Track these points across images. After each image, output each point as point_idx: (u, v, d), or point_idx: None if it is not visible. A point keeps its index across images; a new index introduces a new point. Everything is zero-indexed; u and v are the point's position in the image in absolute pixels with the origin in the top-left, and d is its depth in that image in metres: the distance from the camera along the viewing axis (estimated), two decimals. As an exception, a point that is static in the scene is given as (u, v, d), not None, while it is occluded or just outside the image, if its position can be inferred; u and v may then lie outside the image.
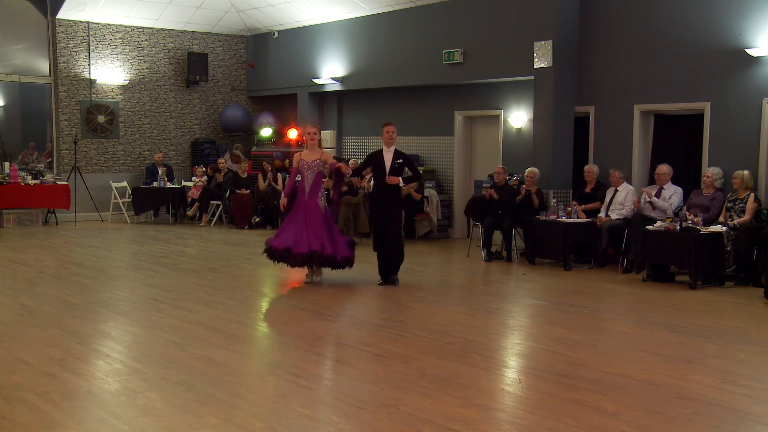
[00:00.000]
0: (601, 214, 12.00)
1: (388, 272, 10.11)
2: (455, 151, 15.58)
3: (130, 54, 18.39)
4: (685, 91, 11.80)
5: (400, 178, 10.03)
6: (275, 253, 9.92)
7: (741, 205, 10.65)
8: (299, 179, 10.19)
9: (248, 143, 19.21)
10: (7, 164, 16.94)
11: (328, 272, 10.44)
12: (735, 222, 10.50)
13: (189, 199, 17.63)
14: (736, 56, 11.17)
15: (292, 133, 18.39)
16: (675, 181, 11.52)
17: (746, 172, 10.75)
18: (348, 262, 9.97)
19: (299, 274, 10.63)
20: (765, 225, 10.23)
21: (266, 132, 18.92)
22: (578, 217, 11.86)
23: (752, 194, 10.64)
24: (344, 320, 8.34)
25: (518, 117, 14.34)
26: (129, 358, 6.77)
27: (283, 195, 10.34)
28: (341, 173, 10.18)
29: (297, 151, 11.20)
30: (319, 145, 10.29)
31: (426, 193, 15.05)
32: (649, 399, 5.73)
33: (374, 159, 10.11)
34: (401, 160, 10.04)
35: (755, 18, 10.96)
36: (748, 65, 11.09)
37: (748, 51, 10.98)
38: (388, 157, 9.98)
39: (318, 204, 9.96)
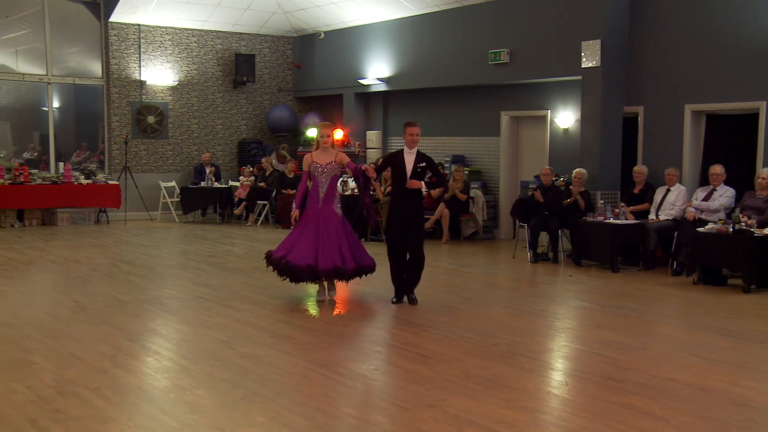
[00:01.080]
0: (651, 215, 11.84)
1: (404, 289, 9.08)
2: (501, 152, 15.49)
3: (179, 55, 18.60)
4: (738, 90, 11.59)
5: (423, 183, 9.12)
6: (291, 271, 8.75)
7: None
8: (311, 184, 9.14)
9: (294, 143, 19.31)
10: (61, 164, 17.27)
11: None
12: (788, 224, 10.27)
13: (236, 199, 17.77)
14: (790, 55, 10.95)
15: (338, 134, 18.42)
16: (727, 182, 11.30)
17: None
18: (372, 268, 9.11)
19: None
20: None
21: (312, 132, 18.98)
22: (626, 219, 11.71)
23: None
24: (389, 321, 8.33)
25: (565, 117, 14.21)
26: (177, 356, 6.84)
27: (294, 206, 9.07)
28: (367, 176, 9.03)
29: (308, 152, 9.85)
30: (333, 146, 9.24)
31: (471, 194, 14.99)
32: (701, 404, 5.63)
33: (394, 161, 9.10)
34: (424, 164, 8.99)
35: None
36: (803, 64, 10.87)
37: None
38: (409, 160, 8.95)
39: (335, 211, 8.96)
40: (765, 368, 6.65)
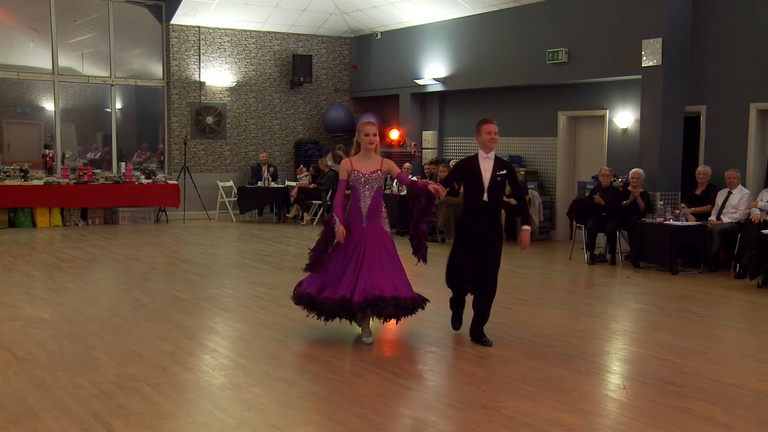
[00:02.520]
0: (713, 217, 11.62)
1: (474, 327, 7.38)
2: (558, 152, 15.35)
3: (237, 57, 18.80)
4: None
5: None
6: (321, 306, 7.04)
7: None
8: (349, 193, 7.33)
9: (351, 144, 19.32)
10: (122, 164, 17.61)
11: None
12: None
13: (292, 199, 17.89)
14: None
15: (394, 134, 18.47)
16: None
17: None
18: (424, 300, 7.35)
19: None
20: None
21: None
22: (687, 220, 11.51)
23: None
24: (445, 321, 8.29)
25: (624, 117, 14.01)
26: (234, 354, 6.91)
27: (337, 221, 7.09)
28: (432, 196, 7.15)
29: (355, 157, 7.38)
30: (377, 150, 7.28)
31: (528, 194, 14.87)
32: (766, 411, 5.51)
33: (467, 169, 7.27)
34: (504, 171, 7.20)
35: None
36: None
37: None
38: (486, 167, 7.13)
39: (384, 229, 7.21)
40: (831, 374, 6.49)
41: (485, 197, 7.14)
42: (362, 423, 5.15)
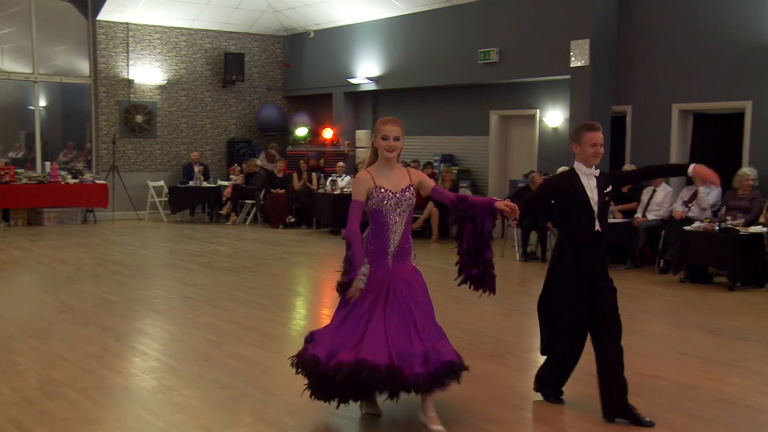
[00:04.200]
0: (638, 215, 11.89)
1: (611, 400, 5.28)
2: (490, 151, 15.52)
3: (167, 54, 18.56)
4: (725, 89, 11.65)
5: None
6: (353, 376, 4.84)
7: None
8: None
9: (283, 143, 19.28)
10: (47, 164, 17.21)
11: None
12: (775, 223, 10.38)
13: (224, 199, 17.73)
14: (777, 55, 11.03)
15: (327, 133, 18.44)
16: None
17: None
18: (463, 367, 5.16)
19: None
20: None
21: (301, 131, 18.99)
22: (614, 218, 11.75)
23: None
24: (378, 320, 8.32)
25: (554, 116, 14.25)
26: (165, 356, 6.83)
27: (353, 257, 5.17)
28: (497, 215, 5.32)
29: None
30: (398, 159, 5.30)
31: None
32: (687, 402, 5.66)
33: (565, 190, 5.51)
34: (611, 188, 5.54)
35: (797, 16, 10.81)
36: (790, 64, 10.95)
37: (792, 49, 10.83)
38: (591, 185, 5.43)
39: (416, 269, 5.34)
40: (749, 365, 6.70)
41: (597, 226, 5.40)
42: (295, 423, 5.14)
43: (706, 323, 8.22)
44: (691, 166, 5.49)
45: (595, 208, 5.37)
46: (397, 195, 5.12)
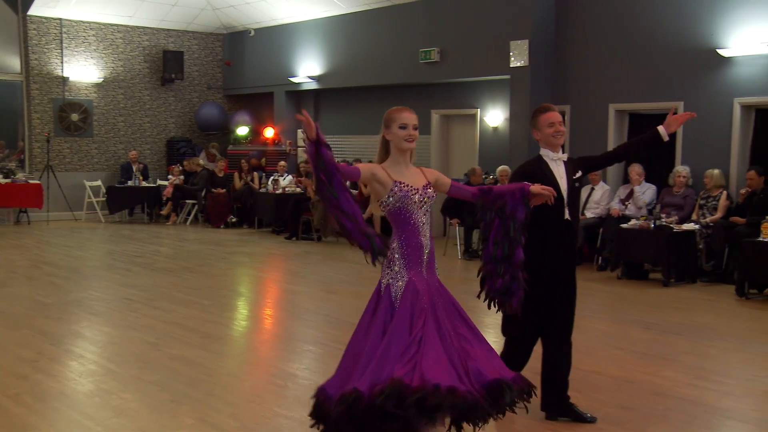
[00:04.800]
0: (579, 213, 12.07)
1: (550, 396, 5.31)
2: (432, 150, 15.61)
3: (104, 52, 18.26)
4: (658, 90, 11.89)
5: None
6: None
7: (713, 202, 10.80)
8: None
9: (224, 142, 19.12)
10: (-22, 163, 16.83)
11: None
12: (708, 220, 10.65)
13: (164, 198, 17.52)
14: (708, 56, 11.28)
15: (269, 132, 18.36)
16: (649, 179, 11.64)
17: (717, 171, 10.90)
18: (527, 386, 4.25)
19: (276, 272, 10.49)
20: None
21: (242, 131, 18.87)
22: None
23: (724, 192, 10.79)
24: (321, 319, 8.33)
25: (494, 116, 14.39)
26: (103, 359, 6.73)
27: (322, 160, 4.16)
28: (529, 199, 4.50)
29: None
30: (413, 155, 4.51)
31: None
32: (624, 396, 5.78)
33: (536, 177, 4.88)
34: (580, 173, 5.23)
35: (726, 19, 11.07)
36: (720, 65, 11.20)
37: (720, 51, 11.09)
38: (560, 171, 5.14)
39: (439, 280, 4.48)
40: (682, 359, 6.87)
41: (566, 214, 5.09)
42: (237, 424, 5.11)
43: (642, 319, 8.41)
44: (661, 127, 5.15)
45: (565, 196, 5.04)
46: (420, 191, 4.28)
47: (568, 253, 5.22)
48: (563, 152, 5.21)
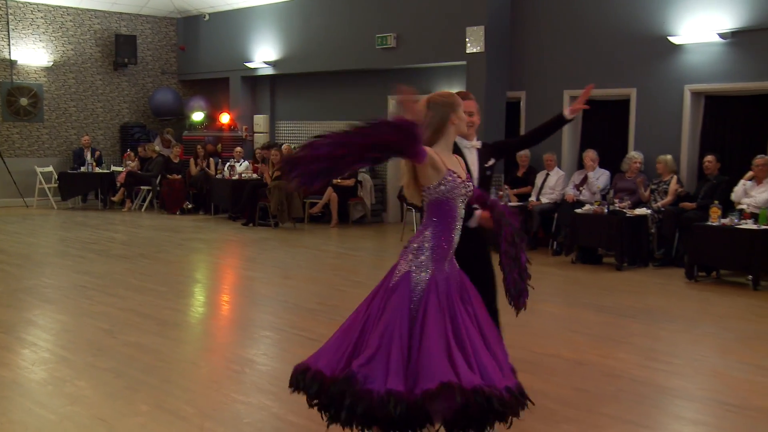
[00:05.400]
0: (533, 198, 12.21)
1: None
2: (388, 136, 15.60)
3: (53, 35, 17.95)
4: (612, 77, 12.03)
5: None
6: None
7: (664, 187, 10.99)
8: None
9: (179, 127, 18.95)
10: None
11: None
12: (659, 204, 10.83)
13: (118, 184, 17.31)
14: (659, 44, 11.44)
15: (224, 118, 18.23)
16: (603, 165, 11.79)
17: (669, 156, 11.09)
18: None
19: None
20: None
21: (198, 116, 18.71)
22: (510, 201, 12.03)
23: (675, 177, 10.99)
24: (278, 305, 8.33)
25: (450, 101, 14.41)
26: (56, 347, 6.66)
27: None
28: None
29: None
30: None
31: (360, 178, 15.08)
32: (577, 377, 5.88)
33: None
34: (493, 160, 5.16)
35: (677, 7, 11.23)
36: (671, 53, 11.38)
37: (671, 39, 11.26)
38: (472, 159, 4.99)
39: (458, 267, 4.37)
40: (633, 341, 7.00)
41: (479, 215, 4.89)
42: (194, 410, 5.10)
43: (596, 302, 8.55)
44: (567, 110, 5.24)
45: (474, 184, 4.72)
46: (465, 183, 4.15)
47: (480, 236, 5.07)
48: (477, 139, 5.10)
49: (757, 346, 6.92)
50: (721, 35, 10.82)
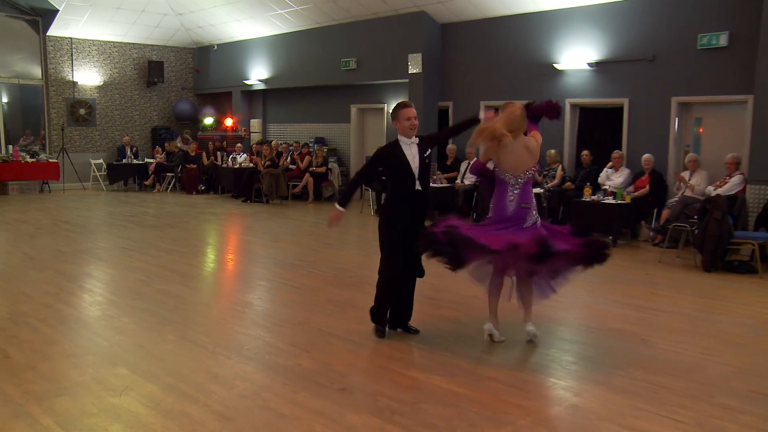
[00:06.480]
0: (458, 181, 12.30)
1: (399, 318, 5.33)
2: (351, 135, 15.61)
3: (104, 62, 17.55)
4: (514, 91, 12.06)
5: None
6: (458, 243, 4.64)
7: (552, 173, 11.15)
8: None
9: (195, 129, 18.68)
10: (10, 147, 16.12)
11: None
12: (549, 186, 10.99)
13: (150, 172, 17.06)
14: (547, 68, 11.54)
15: (229, 121, 18.05)
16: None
17: (554, 150, 11.24)
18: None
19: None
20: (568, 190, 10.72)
21: (209, 120, 18.48)
22: (441, 183, 12.12)
23: (560, 165, 11.14)
24: (269, 261, 8.34)
25: (397, 110, 14.40)
26: (107, 292, 6.64)
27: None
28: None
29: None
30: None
31: (330, 166, 15.04)
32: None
33: (390, 157, 5.03)
34: (429, 151, 5.13)
35: (560, 43, 11.33)
36: (556, 75, 11.48)
37: (555, 65, 11.37)
38: (412, 152, 5.02)
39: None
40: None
41: (417, 185, 5.00)
42: (208, 340, 5.14)
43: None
44: (481, 114, 5.27)
45: (415, 172, 4.96)
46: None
47: (419, 215, 5.02)
48: (415, 137, 5.08)
49: (613, 287, 7.10)
50: (590, 64, 10.95)
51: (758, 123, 8.84)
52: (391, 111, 4.92)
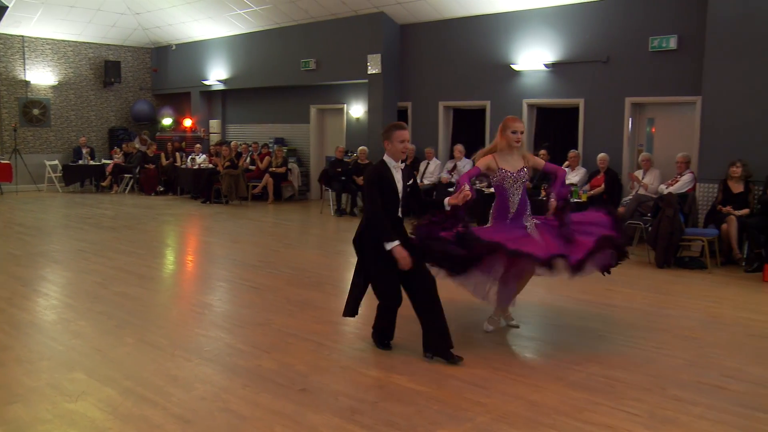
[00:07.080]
0: (419, 180, 12.32)
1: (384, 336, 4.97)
2: (311, 135, 15.54)
3: (58, 61, 17.12)
4: (472, 92, 12.24)
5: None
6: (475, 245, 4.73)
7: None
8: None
9: (153, 130, 18.37)
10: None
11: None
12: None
13: (107, 173, 16.72)
14: (505, 69, 11.67)
15: (187, 122, 17.78)
16: (468, 156, 11.99)
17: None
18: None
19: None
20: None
21: (167, 121, 18.18)
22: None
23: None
24: (229, 262, 8.25)
25: (357, 109, 14.44)
26: (63, 296, 6.47)
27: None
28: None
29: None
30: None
31: (289, 167, 14.95)
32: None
33: (383, 179, 4.66)
34: (411, 180, 4.87)
35: (517, 44, 11.47)
36: (513, 76, 11.62)
37: (513, 66, 11.50)
38: (398, 177, 4.72)
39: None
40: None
41: (399, 213, 4.74)
42: (167, 342, 5.06)
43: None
44: (446, 200, 4.85)
45: (400, 197, 4.69)
46: (514, 174, 5.15)
47: (400, 236, 4.66)
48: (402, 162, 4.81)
49: (570, 284, 7.12)
50: (546, 65, 11.11)
51: (706, 123, 9.09)
52: (383, 130, 4.73)
